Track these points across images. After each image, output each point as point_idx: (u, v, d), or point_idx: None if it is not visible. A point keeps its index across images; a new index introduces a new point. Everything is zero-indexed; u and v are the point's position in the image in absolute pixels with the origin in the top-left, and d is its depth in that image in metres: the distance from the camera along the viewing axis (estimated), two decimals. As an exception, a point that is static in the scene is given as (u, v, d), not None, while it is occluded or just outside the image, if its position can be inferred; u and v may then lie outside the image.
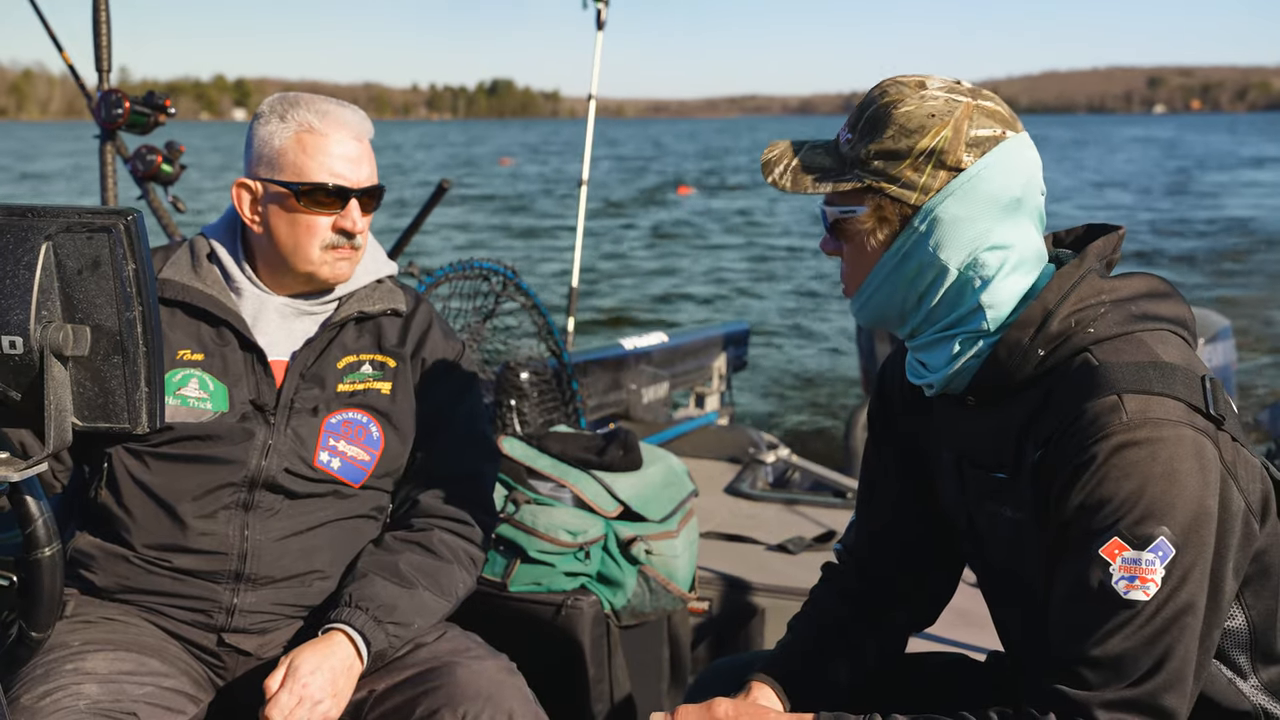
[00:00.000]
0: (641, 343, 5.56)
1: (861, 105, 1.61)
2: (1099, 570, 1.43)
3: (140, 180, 3.60)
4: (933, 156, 1.53)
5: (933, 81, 1.58)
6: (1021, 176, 1.56)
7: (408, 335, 2.27)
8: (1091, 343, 1.52)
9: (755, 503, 4.16)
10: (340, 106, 2.18)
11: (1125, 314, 1.54)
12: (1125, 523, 1.42)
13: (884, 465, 1.89)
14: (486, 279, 3.77)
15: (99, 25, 3.54)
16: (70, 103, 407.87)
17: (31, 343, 1.25)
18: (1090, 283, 1.56)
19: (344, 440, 2.17)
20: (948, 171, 1.54)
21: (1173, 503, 1.41)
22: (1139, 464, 1.42)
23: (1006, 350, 1.55)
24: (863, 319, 1.68)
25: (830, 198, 1.63)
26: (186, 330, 2.14)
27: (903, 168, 1.55)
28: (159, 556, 2.09)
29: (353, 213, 2.15)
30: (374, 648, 2.02)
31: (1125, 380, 1.46)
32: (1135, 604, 1.42)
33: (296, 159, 2.12)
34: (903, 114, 1.55)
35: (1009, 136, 1.55)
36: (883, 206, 1.57)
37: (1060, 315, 1.53)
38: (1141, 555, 1.41)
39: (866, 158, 1.57)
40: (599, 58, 5.61)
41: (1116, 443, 1.43)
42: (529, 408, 3.80)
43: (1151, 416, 1.43)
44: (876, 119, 1.57)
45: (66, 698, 1.85)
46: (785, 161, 1.64)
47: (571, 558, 2.68)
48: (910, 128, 1.54)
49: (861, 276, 1.63)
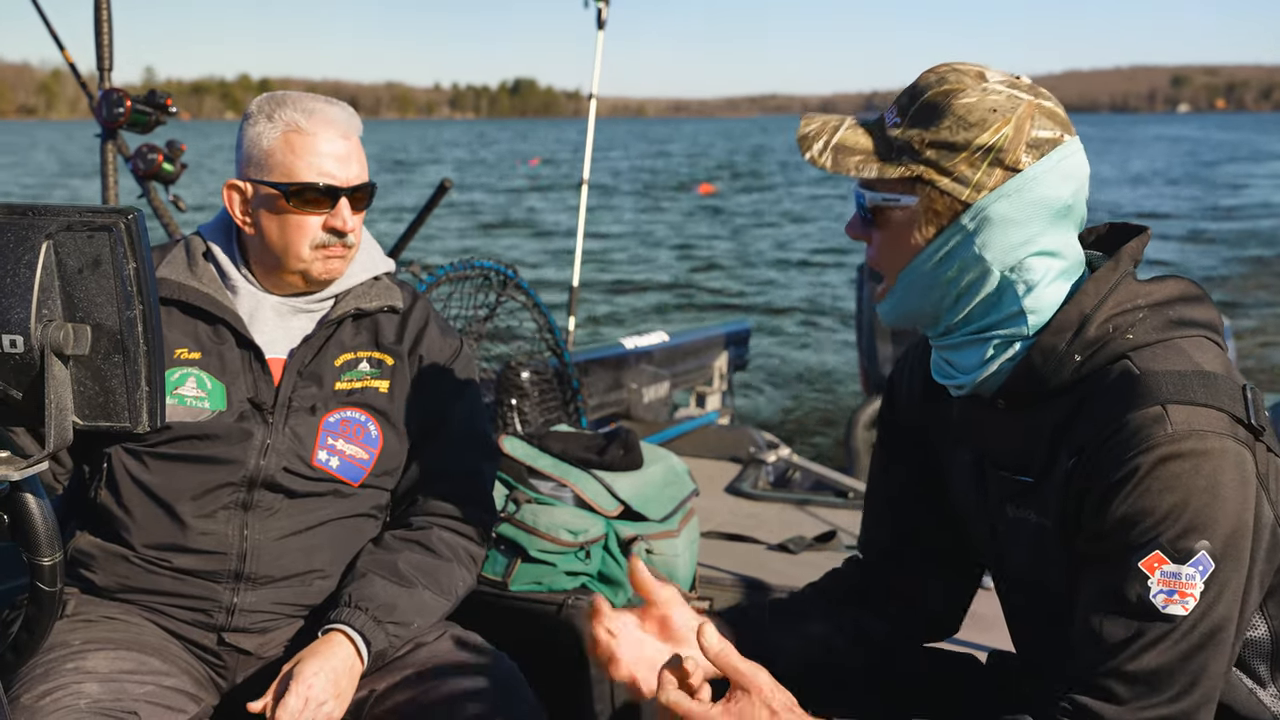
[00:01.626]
0: (642, 342, 5.56)
1: (914, 89, 1.54)
2: (1137, 584, 1.40)
3: (141, 179, 3.59)
4: (990, 153, 1.48)
5: (992, 74, 1.52)
6: (1075, 183, 1.51)
7: (405, 332, 2.27)
8: (1131, 349, 1.48)
9: (756, 502, 4.15)
10: (328, 104, 2.16)
11: (1163, 319, 1.50)
12: (1167, 536, 1.38)
13: (892, 468, 1.86)
14: (487, 278, 3.77)
15: (100, 24, 3.54)
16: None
17: (32, 341, 1.25)
18: (1127, 286, 1.52)
19: (342, 439, 2.17)
20: (1005, 170, 1.48)
21: (1215, 517, 1.38)
22: (1183, 477, 1.38)
23: (1042, 355, 1.51)
24: (893, 315, 1.61)
25: (871, 182, 1.56)
26: (183, 329, 2.14)
27: (958, 161, 1.49)
28: (159, 556, 2.09)
29: (343, 212, 2.13)
30: (374, 648, 2.02)
31: (1169, 390, 1.42)
32: (1174, 619, 1.38)
33: (285, 159, 2.11)
34: (963, 105, 1.48)
35: (1066, 140, 1.50)
36: (932, 199, 1.51)
37: (1097, 320, 1.49)
38: (1182, 569, 1.38)
39: (919, 145, 1.51)
40: (599, 57, 5.61)
41: (1160, 455, 1.39)
42: (530, 407, 3.80)
43: (1196, 428, 1.39)
44: (933, 106, 1.50)
45: (67, 697, 1.85)
46: (825, 138, 1.56)
47: (572, 557, 2.68)
48: (970, 120, 1.48)
49: (896, 267, 1.57)
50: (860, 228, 1.61)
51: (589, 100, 5.77)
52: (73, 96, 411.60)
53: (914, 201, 1.52)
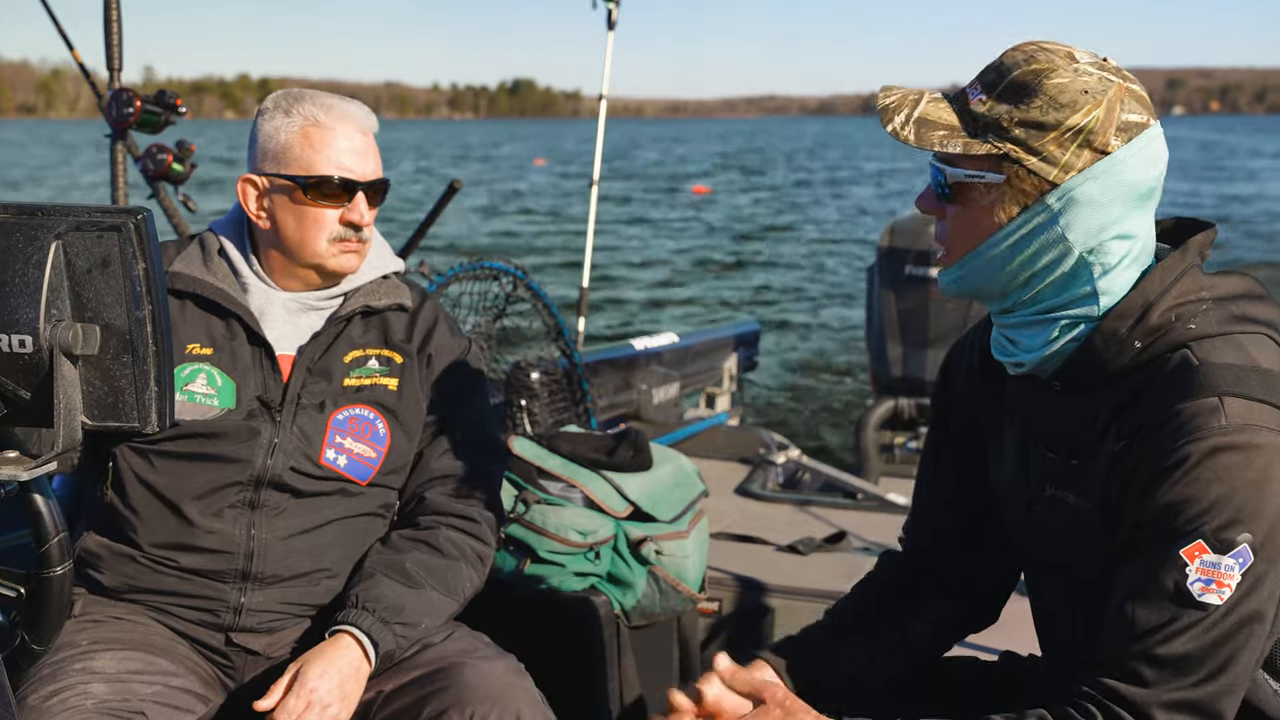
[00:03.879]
0: (652, 343, 5.55)
1: (999, 67, 1.54)
2: (1175, 571, 1.41)
3: (151, 179, 3.60)
4: (1080, 134, 1.48)
5: (1081, 54, 1.52)
6: (1158, 168, 1.52)
7: (414, 331, 2.27)
8: (1192, 339, 1.48)
9: (765, 503, 4.15)
10: (344, 101, 2.19)
11: (1226, 314, 1.51)
12: (1212, 526, 1.39)
13: (940, 452, 1.86)
14: (497, 279, 3.77)
15: (110, 24, 3.54)
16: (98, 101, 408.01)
17: (41, 341, 1.25)
18: (1193, 277, 1.53)
19: (350, 437, 2.16)
20: (1093, 153, 1.48)
21: (1260, 510, 1.39)
22: (1233, 469, 1.39)
23: (1103, 339, 1.52)
24: (957, 289, 1.61)
25: (952, 158, 1.55)
26: (196, 324, 2.14)
27: (1047, 140, 1.49)
28: (166, 556, 2.09)
29: (359, 205, 2.15)
30: (381, 649, 2.02)
31: (1227, 383, 1.43)
32: (1208, 607, 1.40)
33: (303, 153, 2.12)
34: (1055, 85, 1.49)
35: (1152, 124, 1.51)
36: (1020, 178, 1.51)
37: (1160, 308, 1.50)
38: (1222, 560, 1.39)
39: (1008, 124, 1.50)
40: (610, 57, 5.61)
41: (1212, 445, 1.40)
42: (539, 408, 3.80)
43: (1251, 423, 1.41)
44: (1023, 85, 1.50)
45: (74, 697, 1.85)
46: (906, 110, 1.55)
47: (581, 558, 2.67)
48: (1062, 101, 1.48)
49: (971, 245, 1.56)
50: (934, 202, 1.60)
51: (599, 100, 5.76)
52: (72, 95, 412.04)
53: (1000, 179, 1.52)
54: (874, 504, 4.17)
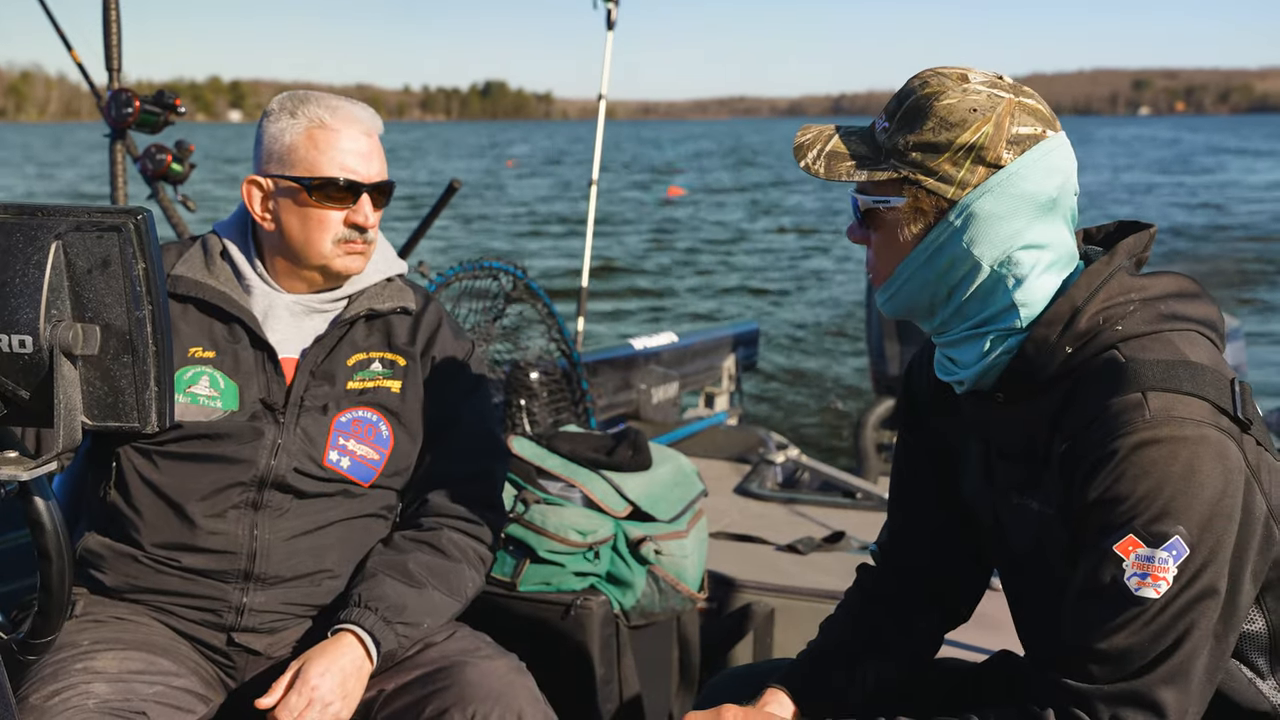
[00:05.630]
0: (651, 343, 5.55)
1: (900, 94, 1.60)
2: (1112, 566, 1.44)
3: (150, 179, 3.60)
4: (972, 151, 1.52)
5: (975, 75, 1.57)
6: (1059, 176, 1.55)
7: (418, 334, 2.27)
8: (1119, 340, 1.51)
9: (765, 503, 4.15)
10: (350, 103, 2.20)
11: (1154, 313, 1.53)
12: (1141, 520, 1.42)
13: (913, 464, 1.88)
14: (496, 278, 3.77)
15: (109, 25, 3.54)
16: (68, 104, 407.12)
17: (41, 341, 1.25)
18: (1119, 280, 1.55)
19: (354, 439, 2.17)
20: (987, 168, 1.52)
21: (1189, 503, 1.41)
22: (1158, 462, 1.41)
23: (1034, 347, 1.55)
24: (890, 309, 1.67)
25: (864, 186, 1.61)
26: (199, 327, 2.14)
27: (941, 161, 1.53)
28: (168, 556, 2.09)
29: (364, 207, 2.16)
30: (383, 648, 2.02)
31: (1152, 378, 1.45)
32: (1144, 601, 1.42)
33: (308, 154, 2.13)
34: (944, 106, 1.53)
35: (1049, 135, 1.54)
36: (919, 198, 1.56)
37: (1088, 313, 1.53)
38: (1155, 553, 1.41)
39: (905, 148, 1.55)
40: (609, 57, 5.60)
41: (1137, 440, 1.42)
42: (539, 407, 3.80)
43: (1175, 415, 1.43)
44: (917, 110, 1.55)
45: (76, 696, 1.85)
46: (819, 147, 1.62)
47: (581, 558, 2.68)
48: (952, 121, 1.52)
49: (891, 267, 1.62)
50: (858, 231, 1.66)
51: (598, 100, 5.76)
52: (42, 99, 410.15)
53: (902, 201, 1.57)
54: (873, 503, 4.17)
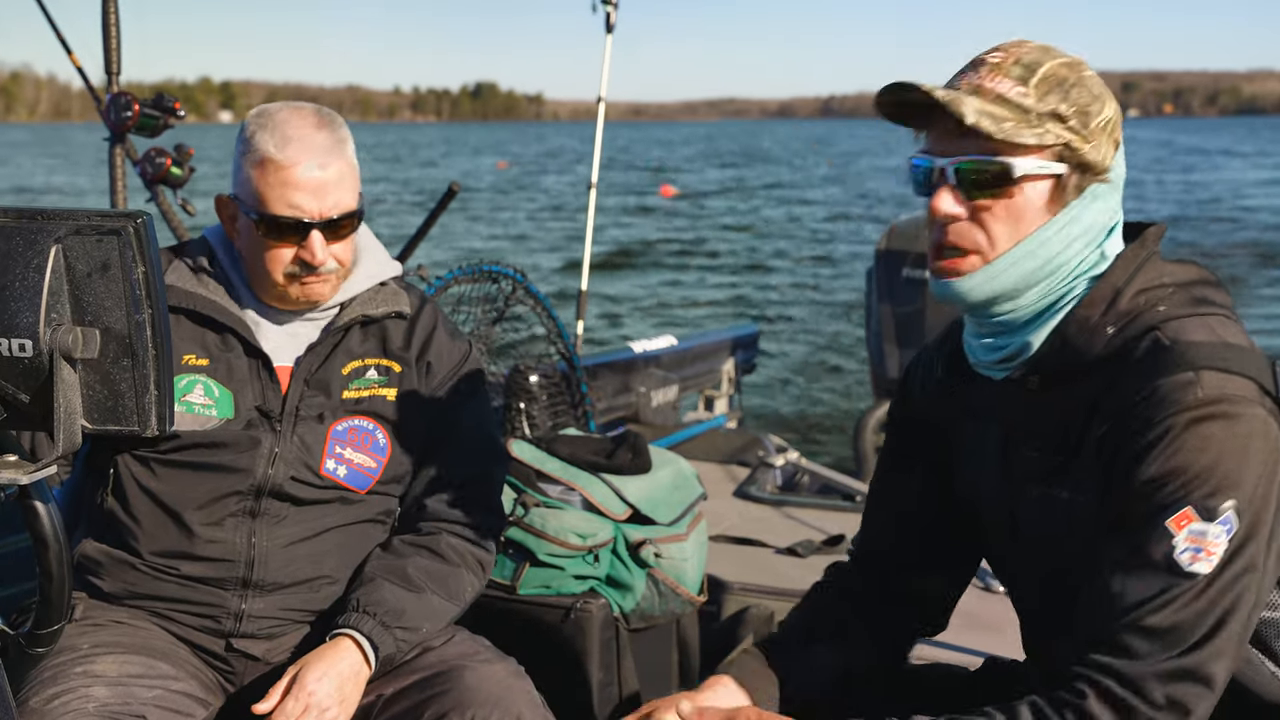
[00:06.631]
0: (651, 346, 5.55)
1: (1024, 61, 1.51)
2: (1163, 542, 1.42)
3: (149, 183, 3.59)
4: (1108, 126, 1.52)
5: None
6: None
7: (413, 338, 2.25)
8: (1161, 321, 1.51)
9: (764, 506, 4.15)
10: (315, 129, 2.05)
11: (1189, 297, 1.54)
12: (1198, 494, 1.41)
13: (906, 463, 1.86)
14: (495, 282, 3.77)
15: (108, 28, 3.54)
16: (57, 105, 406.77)
17: (41, 345, 1.24)
18: (1153, 265, 1.56)
19: (350, 448, 2.16)
20: (1113, 144, 1.54)
21: (1244, 477, 1.41)
22: (1214, 438, 1.42)
23: (1077, 327, 1.54)
24: (985, 291, 1.54)
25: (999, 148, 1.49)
26: (191, 336, 2.12)
27: (1094, 129, 1.52)
28: (166, 564, 2.08)
29: (313, 245, 2.04)
30: (382, 653, 2.02)
31: (1203, 357, 1.45)
32: (1196, 575, 1.41)
33: (259, 187, 2.04)
34: (1090, 78, 1.53)
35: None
36: (1080, 168, 1.52)
37: (1129, 294, 1.53)
38: (1209, 528, 1.41)
39: (1065, 114, 1.50)
40: (609, 60, 5.60)
41: (1193, 416, 1.42)
42: (538, 410, 3.80)
43: (1227, 393, 1.43)
44: (1063, 78, 1.51)
45: (75, 700, 1.85)
46: (971, 103, 1.48)
47: (581, 561, 2.67)
48: (1096, 93, 1.52)
49: (1015, 239, 1.53)
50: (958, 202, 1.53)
51: (598, 103, 5.76)
52: (32, 99, 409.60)
53: (1064, 169, 1.52)
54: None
